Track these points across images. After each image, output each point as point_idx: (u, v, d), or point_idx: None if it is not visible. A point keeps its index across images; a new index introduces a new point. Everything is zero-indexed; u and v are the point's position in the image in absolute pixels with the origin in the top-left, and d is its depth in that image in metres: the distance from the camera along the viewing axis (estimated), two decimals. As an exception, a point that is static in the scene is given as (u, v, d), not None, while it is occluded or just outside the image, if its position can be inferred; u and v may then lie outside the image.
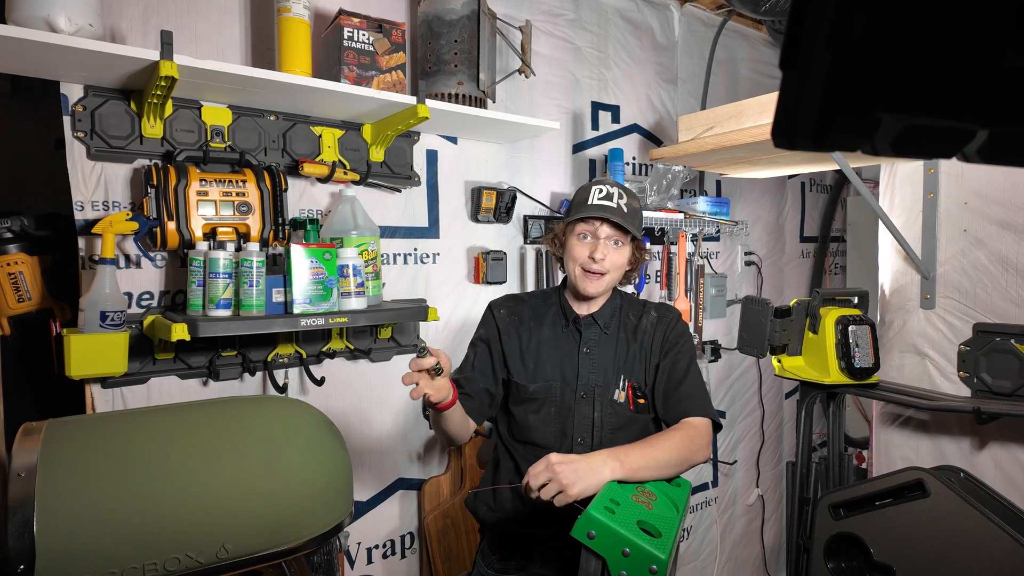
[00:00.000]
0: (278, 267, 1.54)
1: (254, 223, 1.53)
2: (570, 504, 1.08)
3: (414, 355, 1.16)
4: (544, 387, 1.39)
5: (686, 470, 1.25)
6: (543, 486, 1.10)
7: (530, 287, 2.24)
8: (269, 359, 1.69)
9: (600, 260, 1.34)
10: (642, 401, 1.38)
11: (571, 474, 1.09)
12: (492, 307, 1.50)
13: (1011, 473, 1.76)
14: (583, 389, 1.37)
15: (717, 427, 1.35)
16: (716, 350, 2.83)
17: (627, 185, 2.31)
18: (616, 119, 2.51)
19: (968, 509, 1.32)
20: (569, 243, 1.39)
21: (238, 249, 1.48)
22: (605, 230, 1.35)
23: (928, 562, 1.37)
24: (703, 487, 2.92)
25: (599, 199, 1.35)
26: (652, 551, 0.96)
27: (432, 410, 1.26)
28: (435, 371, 1.16)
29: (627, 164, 2.53)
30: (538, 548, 1.39)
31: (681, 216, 2.34)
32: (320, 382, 1.73)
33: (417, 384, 1.14)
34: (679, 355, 1.39)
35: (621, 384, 1.37)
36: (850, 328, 1.72)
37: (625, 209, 1.35)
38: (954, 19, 0.29)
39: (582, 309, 1.43)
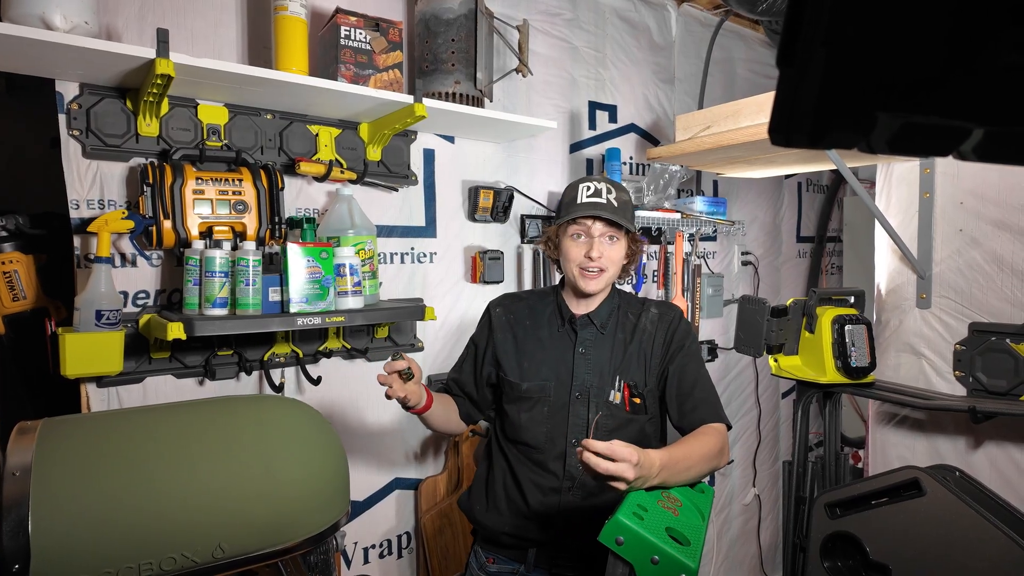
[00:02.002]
0: (274, 266, 1.54)
1: (250, 222, 1.52)
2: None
3: (388, 359, 1.21)
4: (538, 386, 1.38)
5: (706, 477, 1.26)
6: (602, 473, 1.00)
7: (527, 286, 2.24)
8: (265, 358, 1.69)
9: (597, 258, 1.33)
10: (638, 401, 1.36)
11: (639, 482, 1.04)
12: (489, 306, 1.51)
13: (1006, 472, 1.76)
14: (578, 390, 1.36)
15: (728, 428, 1.36)
16: (713, 350, 2.83)
17: (623, 184, 2.31)
18: (613, 119, 2.51)
19: (964, 508, 1.32)
20: (564, 245, 1.37)
21: (234, 248, 1.48)
22: (598, 227, 1.33)
23: (924, 561, 1.37)
24: (700, 486, 2.92)
25: (588, 197, 1.34)
26: (683, 559, 0.95)
27: (409, 412, 1.38)
28: (406, 375, 1.29)
29: (624, 164, 2.53)
30: (531, 552, 1.38)
31: (678, 216, 2.34)
32: (317, 381, 1.73)
33: (392, 386, 1.27)
34: (687, 358, 1.38)
35: (617, 385, 1.36)
36: (846, 327, 1.72)
37: (616, 204, 1.34)
38: (950, 17, 0.29)
39: (579, 308, 1.42)
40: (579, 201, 1.34)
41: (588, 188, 1.35)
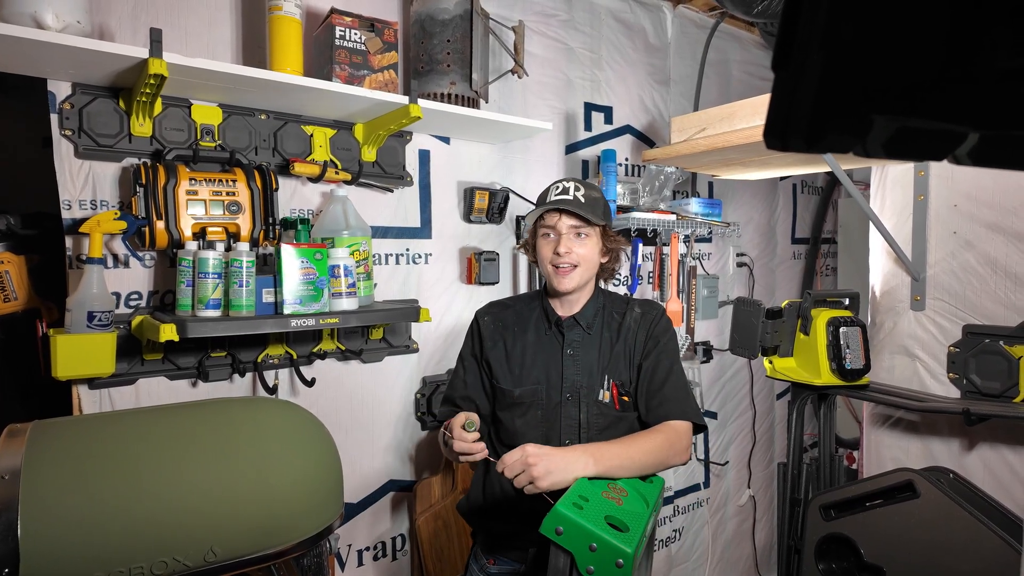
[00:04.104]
0: (268, 267, 1.53)
1: (244, 223, 1.51)
2: (540, 496, 1.12)
3: (461, 428, 1.25)
4: (530, 391, 1.39)
5: (661, 471, 1.27)
6: (517, 475, 1.13)
7: (523, 288, 2.24)
8: (259, 360, 1.68)
9: (565, 254, 1.34)
10: (627, 399, 1.38)
11: (543, 468, 1.11)
12: (476, 316, 1.51)
13: (999, 474, 1.77)
14: (568, 391, 1.37)
15: (700, 428, 1.36)
16: (708, 351, 2.84)
17: (619, 186, 2.32)
18: (609, 120, 2.52)
19: (957, 510, 1.32)
20: (537, 245, 1.41)
21: (228, 249, 1.47)
22: (564, 223, 1.35)
23: (917, 562, 1.37)
24: (695, 488, 2.93)
25: (556, 195, 1.37)
26: (618, 545, 0.97)
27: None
28: (469, 426, 1.26)
29: (620, 165, 2.53)
30: (532, 552, 1.39)
31: (673, 217, 2.34)
32: (311, 383, 1.72)
33: (473, 452, 1.25)
34: (661, 354, 1.39)
35: (606, 384, 1.37)
36: (841, 330, 1.73)
37: (583, 200, 1.35)
38: (946, 22, 0.29)
39: (564, 310, 1.43)
40: (548, 200, 1.38)
41: (557, 187, 1.39)
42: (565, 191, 1.37)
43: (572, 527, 1.00)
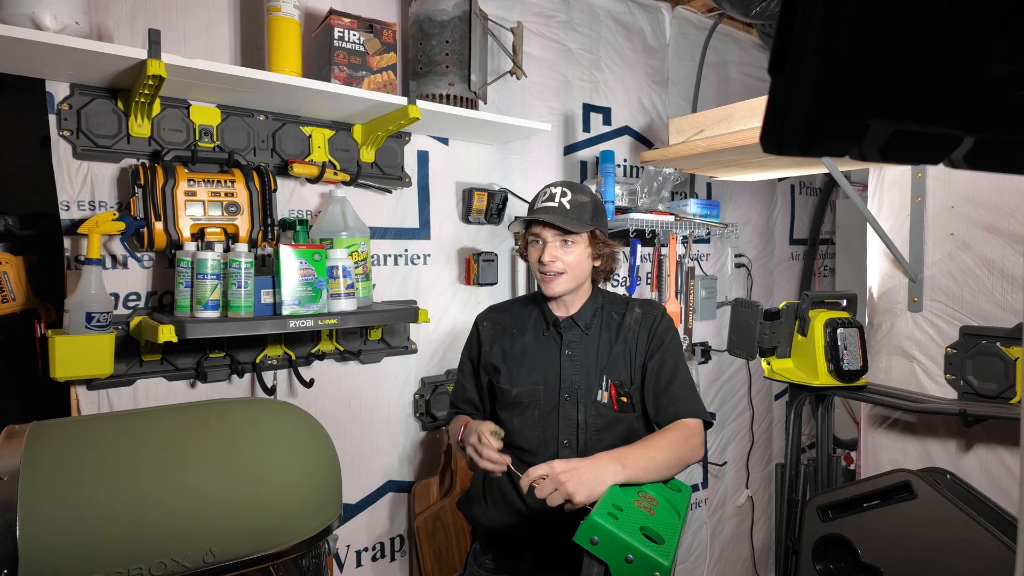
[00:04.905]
0: (267, 268, 1.53)
1: (243, 224, 1.51)
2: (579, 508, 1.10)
3: (492, 443, 1.28)
4: (527, 391, 1.39)
5: (682, 470, 1.27)
6: (549, 493, 1.11)
7: (521, 289, 2.24)
8: (258, 361, 1.68)
9: (550, 262, 1.35)
10: (625, 400, 1.38)
11: (576, 482, 1.09)
12: (476, 322, 1.53)
13: (996, 475, 1.77)
14: (566, 391, 1.38)
15: (708, 425, 1.37)
16: (706, 352, 2.84)
17: (617, 187, 2.32)
18: (607, 121, 2.52)
19: (954, 511, 1.33)
20: (528, 250, 1.42)
21: (226, 250, 1.47)
22: (549, 232, 1.36)
23: (915, 563, 1.38)
24: (693, 488, 2.93)
25: (542, 203, 1.37)
26: (656, 558, 0.96)
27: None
28: (496, 435, 1.28)
29: (618, 166, 2.54)
30: (531, 550, 1.39)
31: (672, 218, 2.35)
32: (309, 384, 1.72)
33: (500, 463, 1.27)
34: (666, 354, 1.39)
35: (604, 384, 1.37)
36: (839, 331, 1.73)
37: (568, 206, 1.35)
38: (941, 27, 0.29)
39: (562, 311, 1.44)
40: (535, 207, 1.38)
41: (545, 193, 1.38)
42: (551, 198, 1.36)
43: (608, 537, 0.97)
